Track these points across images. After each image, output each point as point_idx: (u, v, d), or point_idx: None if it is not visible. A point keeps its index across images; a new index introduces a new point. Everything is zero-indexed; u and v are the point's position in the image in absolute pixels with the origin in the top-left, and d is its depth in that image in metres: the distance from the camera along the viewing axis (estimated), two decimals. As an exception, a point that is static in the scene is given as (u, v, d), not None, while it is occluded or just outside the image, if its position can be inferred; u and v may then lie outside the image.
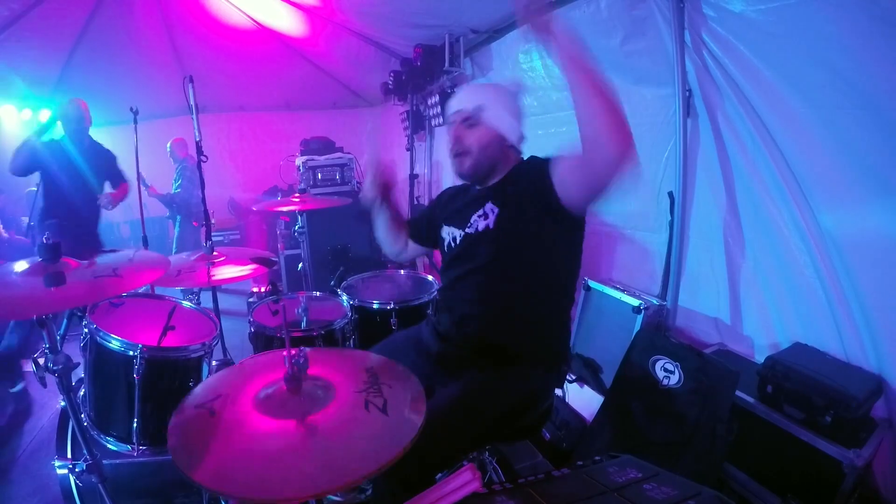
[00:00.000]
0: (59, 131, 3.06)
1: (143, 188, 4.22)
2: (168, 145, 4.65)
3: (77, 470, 1.44)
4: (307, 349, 0.96)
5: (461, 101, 1.39)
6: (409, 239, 1.69)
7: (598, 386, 2.24)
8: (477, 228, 1.35)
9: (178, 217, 4.59)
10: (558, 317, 1.40)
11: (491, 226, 1.31)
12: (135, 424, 1.53)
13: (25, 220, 3.95)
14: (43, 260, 1.20)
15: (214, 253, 1.90)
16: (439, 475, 1.47)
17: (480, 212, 1.35)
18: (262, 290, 3.88)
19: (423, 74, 3.70)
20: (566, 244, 1.34)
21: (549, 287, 1.34)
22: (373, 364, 1.02)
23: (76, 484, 1.54)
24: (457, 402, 1.24)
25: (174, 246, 4.55)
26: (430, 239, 1.62)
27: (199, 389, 1.01)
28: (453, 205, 1.53)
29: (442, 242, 1.51)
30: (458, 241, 1.43)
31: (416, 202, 4.25)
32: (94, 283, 1.18)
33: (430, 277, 2.33)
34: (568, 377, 2.30)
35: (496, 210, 1.32)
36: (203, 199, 2.51)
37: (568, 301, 1.41)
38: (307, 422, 0.86)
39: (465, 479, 0.74)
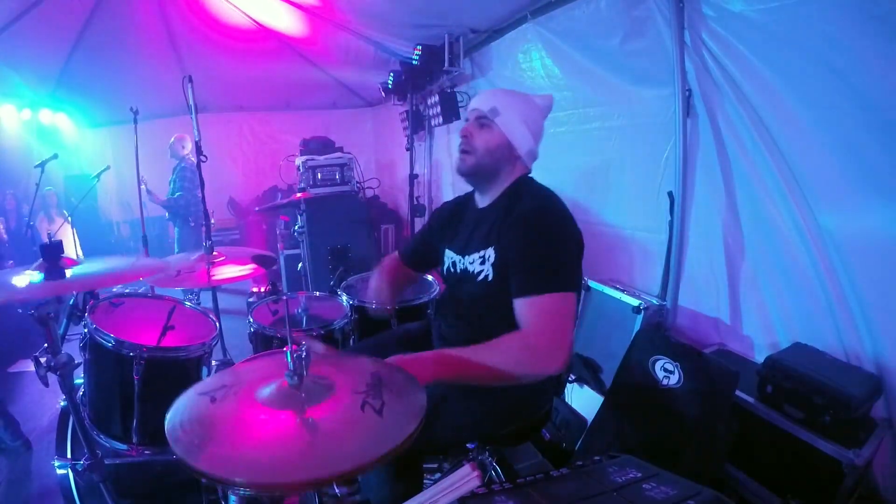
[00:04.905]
0: None
1: (146, 194, 4.20)
2: (172, 140, 4.60)
3: (78, 469, 1.44)
4: (311, 344, 0.97)
5: (480, 101, 1.36)
6: (415, 271, 1.69)
7: (598, 386, 2.24)
8: (473, 271, 1.32)
9: (178, 218, 4.57)
10: None
11: (490, 278, 1.28)
12: (134, 424, 1.53)
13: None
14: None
15: (214, 253, 1.90)
16: (437, 475, 1.48)
17: (481, 254, 1.31)
18: (262, 290, 3.88)
19: (422, 74, 3.70)
20: None
21: None
22: (380, 370, 1.03)
23: (76, 483, 1.54)
24: (454, 405, 1.24)
25: (176, 247, 4.54)
26: (431, 262, 1.60)
27: (202, 381, 1.03)
28: (451, 226, 1.51)
29: (442, 265, 1.50)
30: (457, 268, 1.40)
31: (416, 202, 4.25)
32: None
33: (430, 277, 2.33)
34: (568, 377, 2.30)
35: (492, 258, 1.28)
36: (203, 199, 2.51)
37: None
38: (305, 415, 0.87)
39: (465, 475, 0.74)
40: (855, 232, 1.58)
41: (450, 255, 1.45)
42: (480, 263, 1.30)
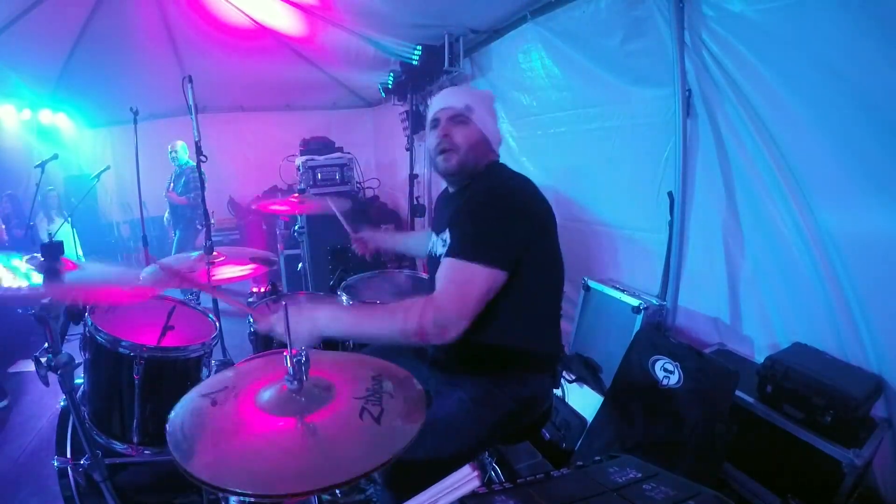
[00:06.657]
0: None
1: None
2: (176, 146, 4.61)
3: (78, 468, 1.44)
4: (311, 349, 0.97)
5: (448, 100, 1.37)
6: None
7: (597, 386, 2.24)
8: (437, 254, 1.34)
9: (184, 220, 4.57)
10: (543, 319, 1.35)
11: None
12: (134, 424, 1.53)
13: None
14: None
15: (214, 253, 1.90)
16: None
17: (443, 237, 1.31)
18: (262, 290, 3.87)
19: (422, 74, 3.70)
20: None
21: (522, 297, 1.26)
22: (381, 372, 1.02)
23: (76, 483, 1.54)
24: (455, 410, 1.24)
25: (174, 247, 4.54)
26: None
27: (205, 381, 1.03)
28: (438, 208, 1.55)
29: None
30: (434, 252, 1.41)
31: (416, 202, 4.25)
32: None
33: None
34: (568, 377, 2.30)
35: (448, 241, 1.26)
36: (203, 200, 2.51)
37: (550, 303, 1.37)
38: (305, 421, 0.86)
39: (465, 475, 0.73)
40: (855, 232, 1.58)
41: (430, 236, 1.48)
42: (442, 246, 1.31)
